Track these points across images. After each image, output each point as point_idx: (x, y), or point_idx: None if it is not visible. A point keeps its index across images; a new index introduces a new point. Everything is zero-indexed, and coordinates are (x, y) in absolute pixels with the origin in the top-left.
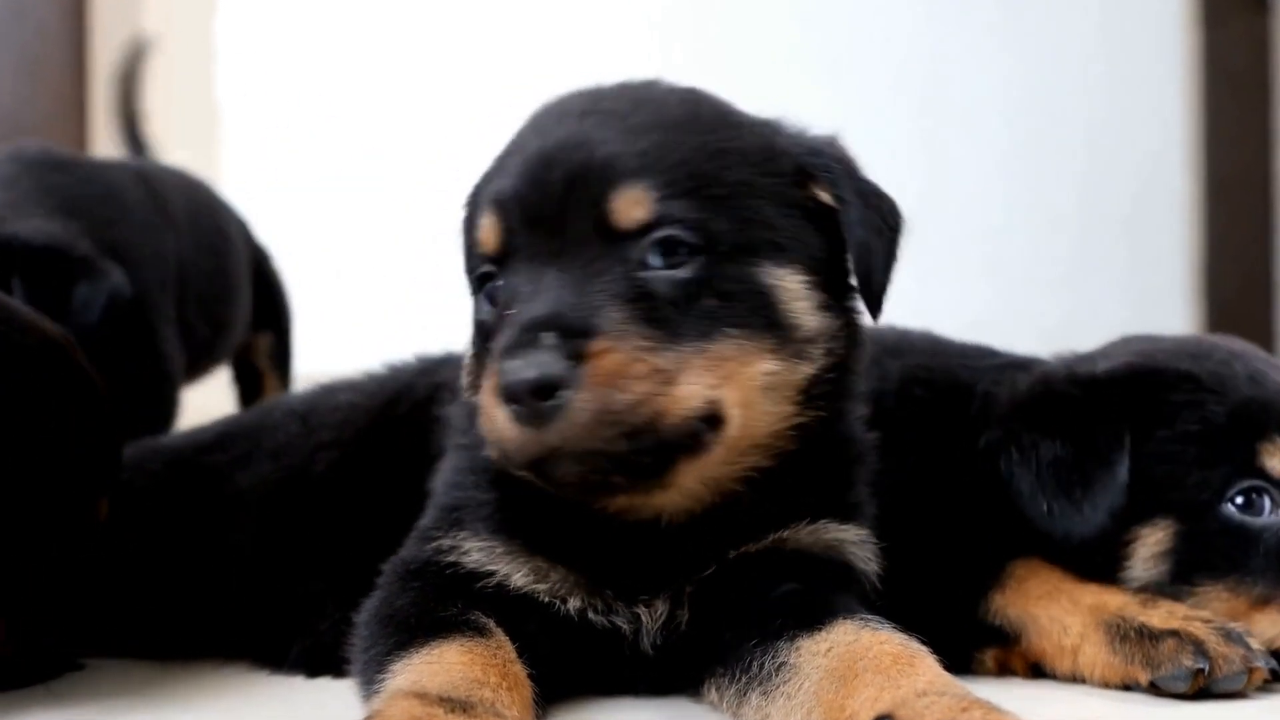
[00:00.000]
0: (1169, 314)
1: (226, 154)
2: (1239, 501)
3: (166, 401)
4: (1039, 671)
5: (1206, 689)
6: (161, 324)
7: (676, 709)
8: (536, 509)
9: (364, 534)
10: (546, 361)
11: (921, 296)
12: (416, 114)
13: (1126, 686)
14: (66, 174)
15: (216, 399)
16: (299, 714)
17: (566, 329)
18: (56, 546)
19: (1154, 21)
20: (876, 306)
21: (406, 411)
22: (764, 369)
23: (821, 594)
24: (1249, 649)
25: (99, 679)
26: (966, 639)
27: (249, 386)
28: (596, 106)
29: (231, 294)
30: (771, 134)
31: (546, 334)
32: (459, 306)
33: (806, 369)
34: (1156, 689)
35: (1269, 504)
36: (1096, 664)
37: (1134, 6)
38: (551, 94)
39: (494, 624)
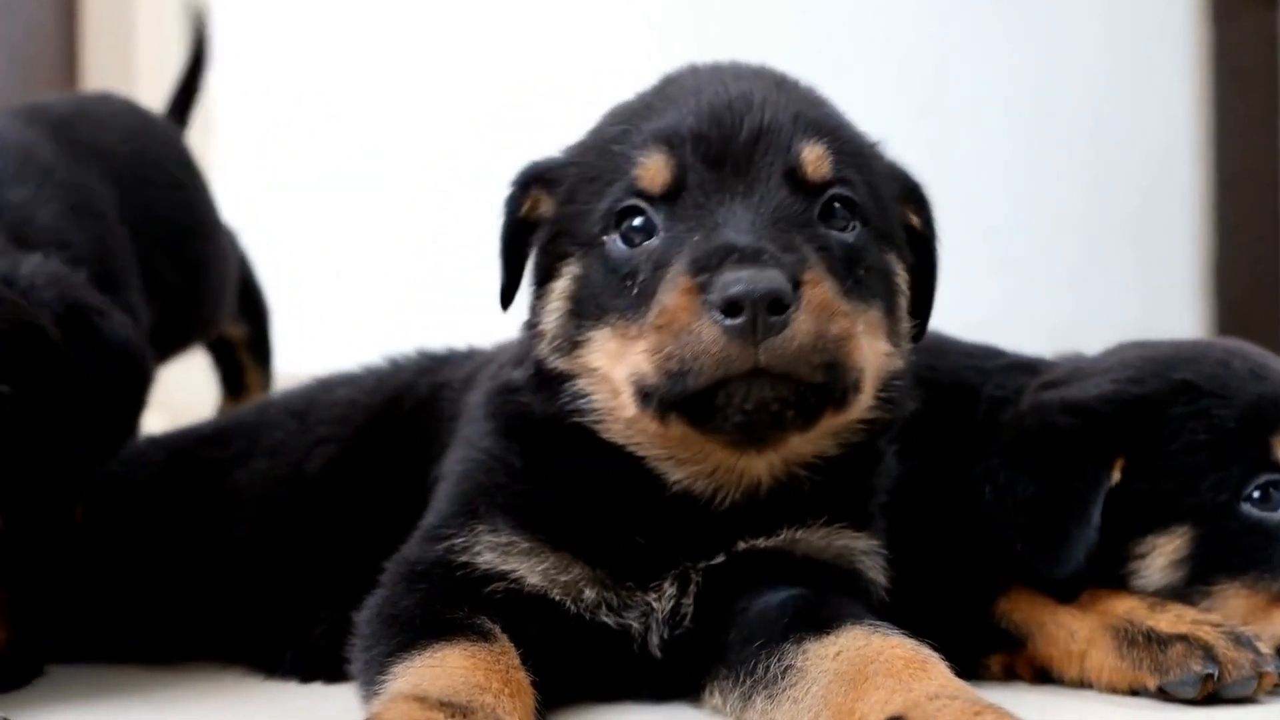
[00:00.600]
0: (1178, 312)
1: (219, 153)
2: (1256, 497)
3: (136, 372)
4: (1045, 677)
5: (1216, 694)
6: (100, 313)
7: (678, 715)
8: (571, 496)
9: (361, 535)
10: (778, 278)
11: None
12: (415, 113)
13: (1134, 692)
14: None
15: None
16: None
17: (776, 259)
18: (32, 534)
19: (1162, 17)
20: (924, 331)
21: (409, 410)
22: (883, 349)
23: (829, 599)
24: (1259, 653)
25: (95, 682)
26: (971, 644)
27: (232, 384)
28: (757, 73)
29: (202, 228)
30: (882, 151)
31: (768, 256)
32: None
33: (898, 363)
34: (1165, 694)
35: None
36: (1104, 669)
37: (1142, 2)
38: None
39: (499, 629)
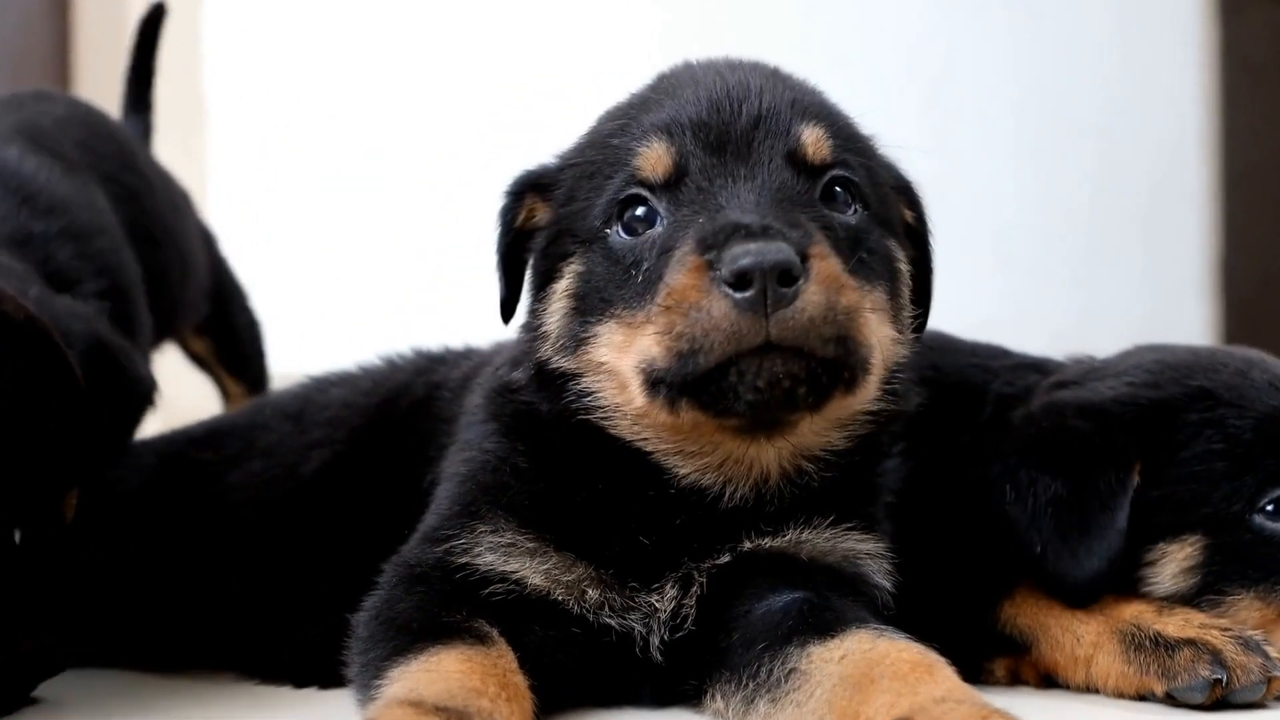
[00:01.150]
0: (1185, 311)
1: (213, 152)
2: (1270, 509)
3: (144, 401)
4: (1051, 681)
5: (1224, 700)
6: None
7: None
8: (576, 495)
9: (357, 538)
10: (786, 249)
11: None
12: (414, 113)
13: (1141, 697)
14: None
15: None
16: None
17: (783, 233)
18: (23, 533)
19: (1171, 11)
20: (924, 324)
21: (405, 412)
22: (889, 333)
23: (833, 603)
24: (1268, 658)
25: (88, 688)
26: (976, 649)
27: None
28: (752, 66)
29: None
30: (877, 144)
31: (774, 231)
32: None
33: (903, 350)
34: (1173, 700)
35: None
36: (1110, 674)
37: None
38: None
39: (497, 633)
